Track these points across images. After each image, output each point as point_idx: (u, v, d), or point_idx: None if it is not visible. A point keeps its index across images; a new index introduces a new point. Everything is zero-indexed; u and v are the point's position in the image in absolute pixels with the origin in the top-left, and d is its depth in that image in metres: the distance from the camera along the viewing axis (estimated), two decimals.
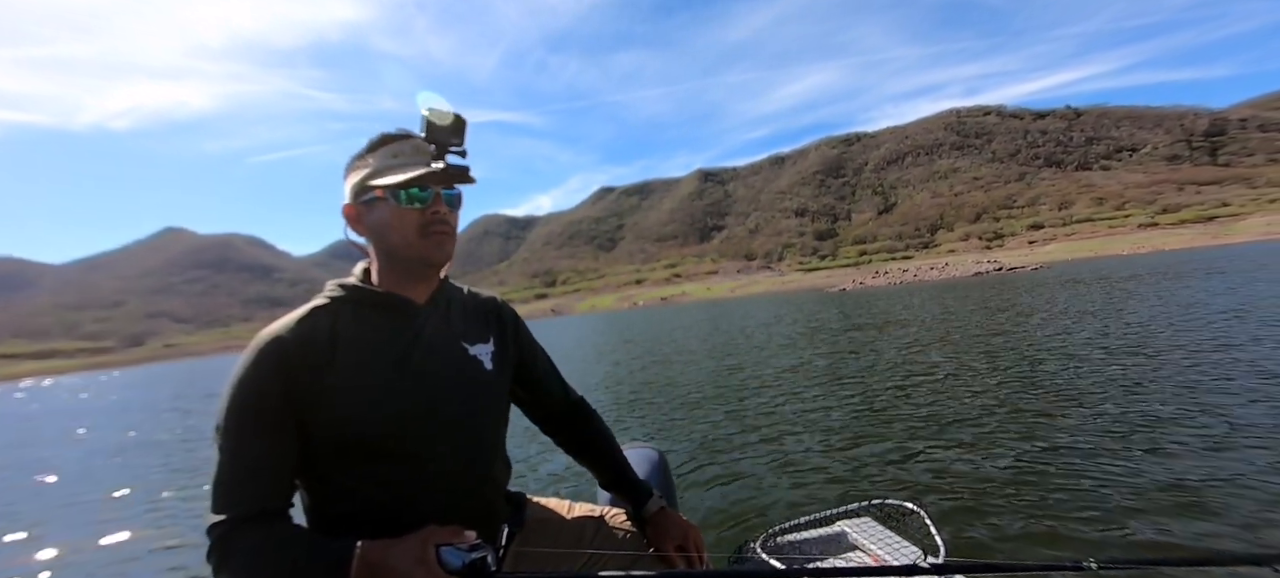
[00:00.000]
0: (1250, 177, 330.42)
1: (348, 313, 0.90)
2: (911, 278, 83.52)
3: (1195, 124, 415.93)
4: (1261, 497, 2.58)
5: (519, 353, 1.11)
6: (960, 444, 4.18)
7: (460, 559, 0.78)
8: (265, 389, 0.81)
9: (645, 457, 1.82)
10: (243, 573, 0.79)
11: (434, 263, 0.95)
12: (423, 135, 0.88)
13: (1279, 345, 6.41)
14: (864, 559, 1.74)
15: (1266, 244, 73.21)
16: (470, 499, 0.94)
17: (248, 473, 0.81)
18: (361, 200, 0.92)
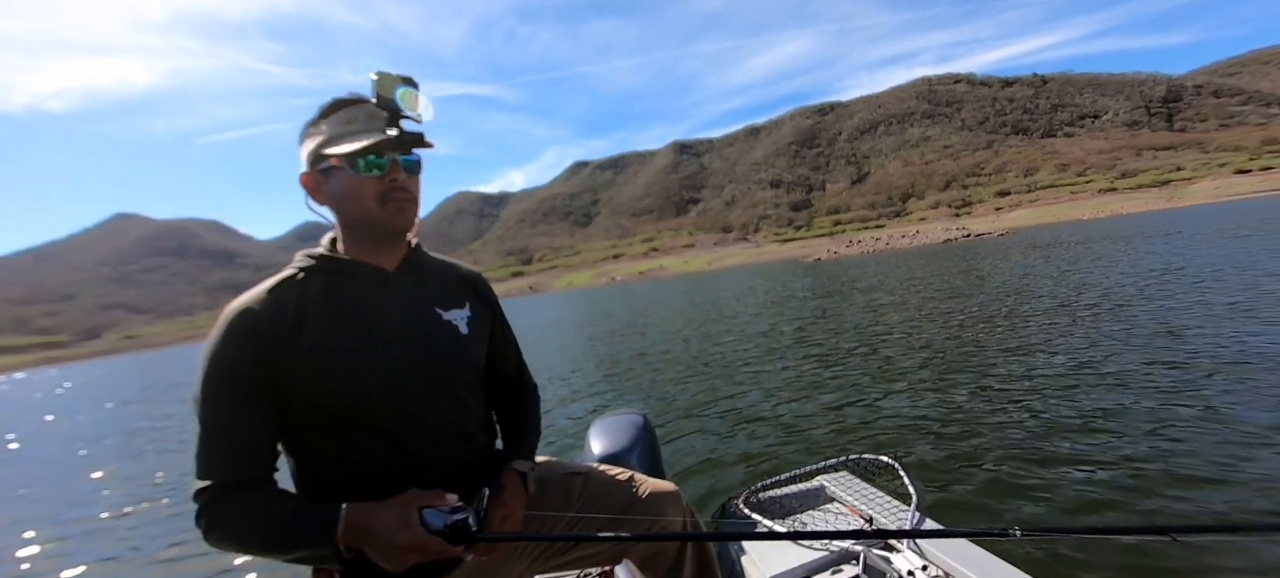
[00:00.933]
0: (1203, 141, 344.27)
1: (316, 283, 0.90)
2: (884, 246, 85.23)
3: (1153, 90, 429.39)
4: (1180, 468, 2.70)
5: (491, 322, 1.11)
6: (927, 402, 4.48)
7: (442, 521, 0.79)
8: (238, 360, 0.81)
9: (630, 422, 1.85)
10: (231, 536, 0.80)
11: (395, 230, 0.94)
12: (375, 101, 0.87)
13: (1203, 311, 6.68)
14: (841, 511, 1.80)
15: (1215, 206, 76.83)
16: (452, 462, 0.95)
17: (229, 441, 0.82)
18: (318, 169, 0.91)
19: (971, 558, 1.33)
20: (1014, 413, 3.89)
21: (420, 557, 0.79)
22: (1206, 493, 2.46)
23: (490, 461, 1.04)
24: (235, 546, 0.81)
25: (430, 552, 0.79)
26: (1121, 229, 35.28)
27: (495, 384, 1.11)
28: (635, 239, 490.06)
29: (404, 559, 0.79)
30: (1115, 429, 3.32)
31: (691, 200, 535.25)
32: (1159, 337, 5.47)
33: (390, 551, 0.79)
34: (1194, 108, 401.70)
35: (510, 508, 0.96)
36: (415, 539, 0.78)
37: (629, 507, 1.11)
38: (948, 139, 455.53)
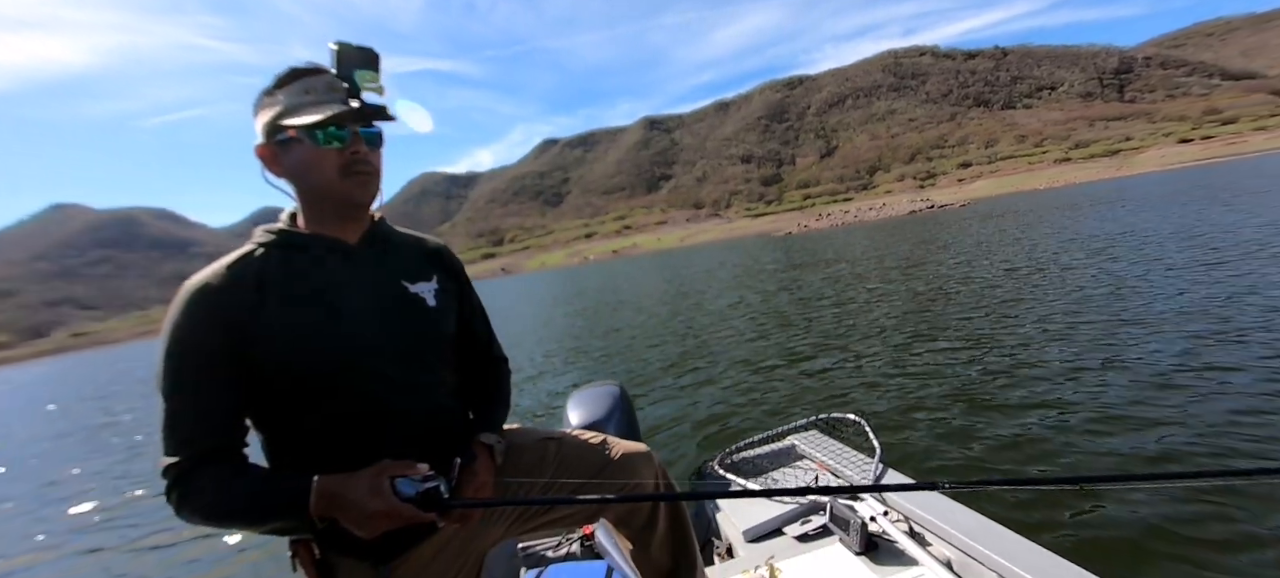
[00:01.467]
0: (1151, 112, 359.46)
1: (276, 257, 0.89)
2: (852, 219, 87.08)
3: (1106, 62, 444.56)
4: (1101, 416, 2.90)
5: (459, 294, 1.10)
6: (890, 363, 4.83)
7: (413, 489, 0.80)
8: (199, 334, 0.81)
9: (607, 392, 1.89)
10: (203, 510, 0.80)
11: (358, 203, 0.92)
12: (335, 71, 0.85)
13: (1134, 280, 7.19)
14: (811, 466, 1.90)
15: (1160, 174, 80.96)
16: (422, 433, 0.94)
17: (196, 416, 0.81)
18: (275, 141, 0.88)
19: (925, 500, 1.45)
20: (966, 370, 4.21)
21: (392, 523, 0.80)
22: (1126, 438, 2.62)
23: (462, 431, 1.03)
24: (207, 519, 0.81)
25: (402, 518, 0.79)
26: (1073, 198, 36.95)
27: (465, 356, 1.11)
28: (607, 217, 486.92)
29: (377, 526, 0.79)
30: (1049, 381, 3.63)
31: (663, 177, 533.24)
32: (1100, 299, 5.94)
33: (363, 518, 0.79)
34: (1143, 79, 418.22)
35: (481, 478, 0.97)
36: (387, 506, 0.78)
37: (602, 469, 1.13)
38: (913, 112, 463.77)
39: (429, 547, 0.93)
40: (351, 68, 0.85)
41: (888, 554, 1.38)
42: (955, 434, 3.11)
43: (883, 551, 1.39)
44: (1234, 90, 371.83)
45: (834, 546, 1.47)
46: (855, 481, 1.69)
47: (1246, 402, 2.80)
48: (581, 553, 1.71)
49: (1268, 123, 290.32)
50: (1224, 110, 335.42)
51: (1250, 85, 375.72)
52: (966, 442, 2.99)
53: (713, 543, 1.84)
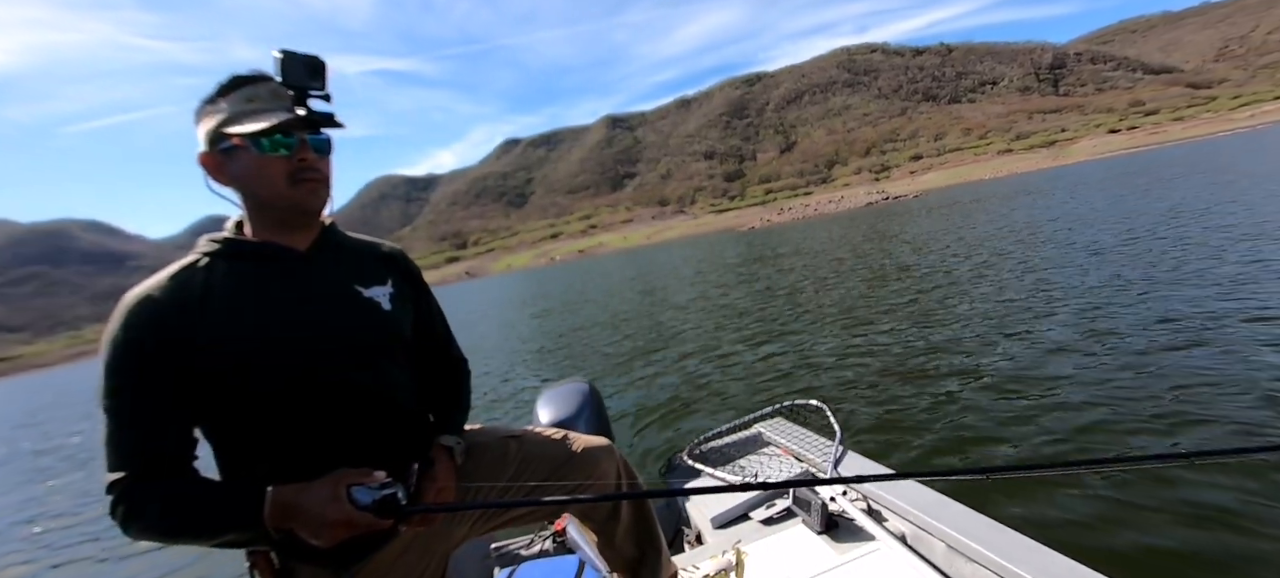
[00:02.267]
0: (1083, 104, 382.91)
1: (222, 267, 0.87)
2: (812, 212, 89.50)
3: (1042, 58, 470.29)
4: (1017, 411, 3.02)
5: (416, 297, 1.10)
6: (849, 349, 5.07)
7: (370, 496, 0.79)
8: (140, 348, 0.78)
9: (576, 390, 1.91)
10: (151, 526, 0.78)
11: (307, 211, 0.91)
12: (279, 78, 0.84)
13: (1066, 256, 7.86)
14: (776, 452, 1.97)
15: (1092, 162, 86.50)
16: (381, 436, 0.93)
17: (140, 430, 0.79)
18: (219, 149, 0.86)
19: (882, 473, 1.53)
20: (918, 354, 4.41)
21: (350, 532, 0.79)
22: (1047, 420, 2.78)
23: (422, 434, 1.03)
24: (156, 535, 0.79)
25: (359, 526, 0.79)
26: (1016, 187, 39.11)
27: (423, 358, 1.10)
28: (573, 217, 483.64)
29: (334, 536, 0.78)
30: (987, 361, 3.83)
31: (627, 175, 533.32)
32: (1031, 281, 6.46)
33: (319, 527, 0.77)
34: (1075, 74, 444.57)
35: (441, 482, 0.97)
36: (344, 516, 0.77)
37: (564, 464, 1.14)
38: (867, 107, 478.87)
39: (391, 551, 0.93)
40: (296, 76, 0.83)
41: (847, 532, 1.45)
42: (910, 414, 3.26)
43: (842, 529, 1.46)
44: (1155, 84, 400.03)
45: (797, 527, 1.53)
46: (819, 464, 1.75)
47: (1186, 380, 2.93)
48: (554, 549, 1.72)
49: (1185, 113, 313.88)
50: (1147, 102, 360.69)
51: (1169, 79, 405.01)
52: (920, 419, 3.14)
53: (683, 531, 1.89)
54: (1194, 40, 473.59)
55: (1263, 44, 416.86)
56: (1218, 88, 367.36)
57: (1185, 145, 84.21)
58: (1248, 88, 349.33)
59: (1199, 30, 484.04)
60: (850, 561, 1.34)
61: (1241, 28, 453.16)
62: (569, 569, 1.47)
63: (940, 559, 1.29)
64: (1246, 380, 2.77)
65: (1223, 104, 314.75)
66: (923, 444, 2.89)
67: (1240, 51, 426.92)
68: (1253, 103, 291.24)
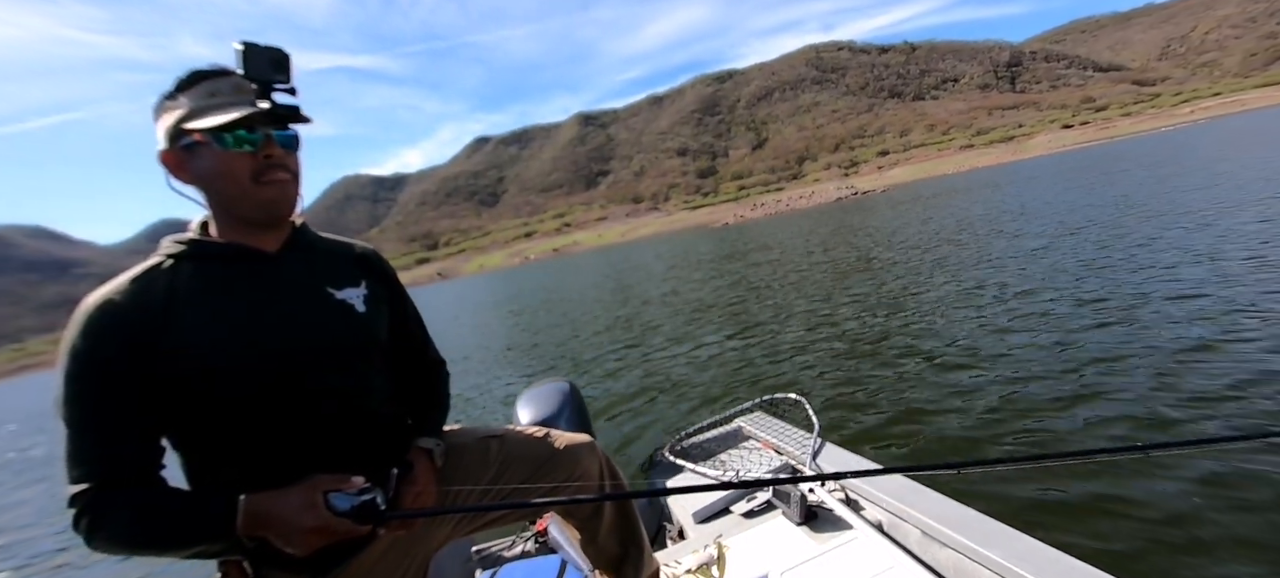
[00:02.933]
0: (1038, 101, 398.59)
1: (187, 269, 0.83)
2: (785, 208, 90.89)
3: (999, 56, 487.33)
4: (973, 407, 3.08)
5: (391, 298, 1.07)
6: (826, 342, 5.14)
7: (348, 503, 0.77)
8: (101, 354, 0.75)
9: (557, 389, 1.93)
10: (118, 538, 0.75)
11: (275, 210, 0.87)
12: (241, 72, 0.80)
13: (1015, 248, 8.24)
14: (756, 446, 2.00)
15: (1048, 157, 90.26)
16: (357, 440, 0.91)
17: (103, 440, 0.76)
18: (180, 146, 0.82)
19: (857, 468, 1.58)
20: (892, 348, 4.52)
21: (326, 539, 0.77)
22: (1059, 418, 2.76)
23: (400, 437, 1.01)
24: (122, 547, 0.76)
25: (336, 533, 0.77)
26: (979, 180, 40.51)
27: (400, 361, 1.08)
28: (546, 215, 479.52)
29: (310, 542, 0.76)
30: (969, 362, 3.84)
31: (601, 173, 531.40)
32: (996, 270, 6.73)
33: (294, 535, 0.75)
34: (1031, 71, 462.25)
35: (420, 485, 0.95)
36: (321, 522, 0.75)
37: (546, 463, 1.12)
38: (835, 104, 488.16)
39: (369, 556, 0.91)
40: (259, 69, 0.80)
41: (826, 522, 1.48)
42: (883, 403, 3.38)
43: (821, 519, 1.49)
44: (1104, 81, 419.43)
45: (777, 519, 1.56)
46: (798, 456, 1.79)
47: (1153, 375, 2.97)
48: (536, 550, 1.73)
49: (1132, 109, 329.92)
50: (1097, 99, 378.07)
51: (1117, 77, 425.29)
52: (892, 409, 3.25)
53: (665, 527, 1.90)
54: (1140, 39, 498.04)
55: (1201, 43, 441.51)
56: (1161, 85, 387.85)
57: (1133, 140, 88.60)
58: (1188, 85, 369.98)
59: (1144, 30, 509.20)
60: (829, 550, 1.37)
61: (1182, 27, 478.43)
62: (551, 570, 1.47)
63: (915, 546, 1.33)
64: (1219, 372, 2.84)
65: (1165, 100, 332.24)
66: (896, 434, 2.95)
67: (1181, 51, 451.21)
68: (1192, 99, 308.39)
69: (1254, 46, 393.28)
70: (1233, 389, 2.63)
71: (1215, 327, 3.45)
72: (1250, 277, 4.34)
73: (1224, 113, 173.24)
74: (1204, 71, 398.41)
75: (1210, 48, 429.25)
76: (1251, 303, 3.71)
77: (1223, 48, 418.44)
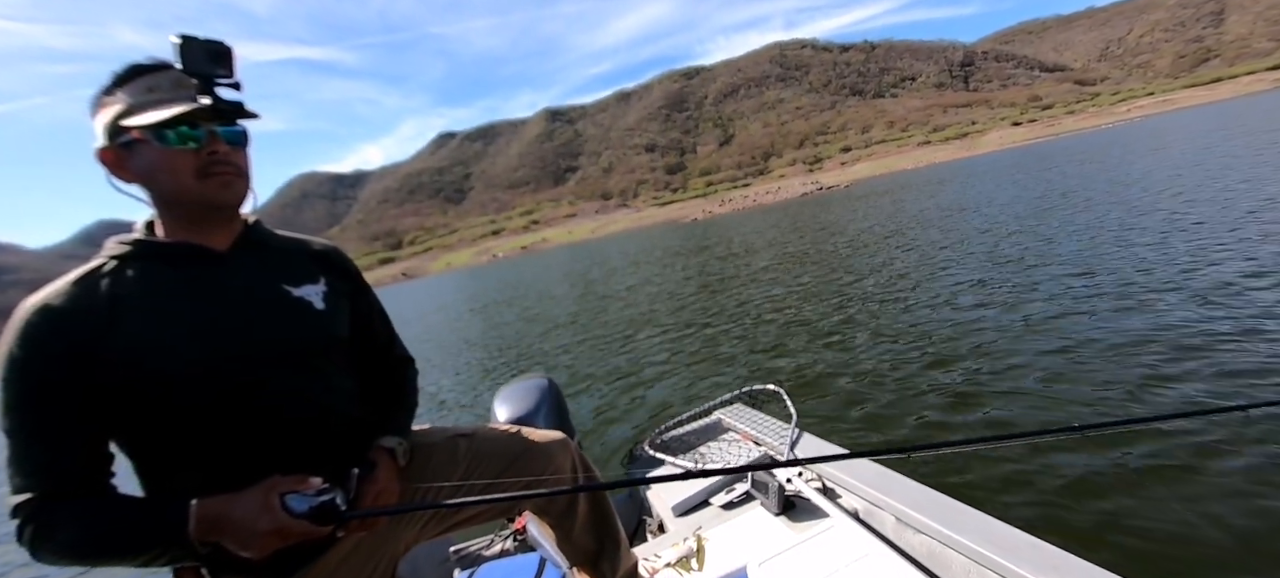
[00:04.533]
0: (990, 99, 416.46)
1: (132, 271, 0.80)
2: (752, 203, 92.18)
3: (953, 56, 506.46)
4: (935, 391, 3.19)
5: (353, 294, 1.04)
6: (800, 336, 5.20)
7: (306, 504, 0.76)
8: (40, 361, 0.73)
9: (535, 386, 1.90)
10: (65, 548, 0.72)
11: (222, 206, 0.84)
12: (181, 66, 0.77)
13: (986, 241, 8.62)
14: (736, 438, 2.02)
15: (999, 153, 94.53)
16: (316, 441, 0.88)
17: (47, 447, 0.73)
18: (119, 143, 0.79)
19: (826, 454, 1.54)
20: (863, 338, 4.63)
21: (283, 542, 0.75)
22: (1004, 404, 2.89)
23: (363, 437, 0.98)
24: (71, 558, 0.73)
25: (294, 535, 0.75)
26: (937, 175, 42.01)
27: (365, 359, 1.06)
28: (514, 212, 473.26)
29: (267, 545, 0.74)
30: (929, 348, 4.01)
31: (569, 169, 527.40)
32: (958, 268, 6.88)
33: (250, 538, 0.73)
34: (983, 71, 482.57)
35: (382, 484, 0.92)
36: (277, 524, 0.73)
37: (516, 460, 1.11)
38: (799, 101, 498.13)
39: (331, 559, 0.88)
40: (197, 62, 0.77)
41: (803, 511, 1.50)
42: (859, 394, 3.46)
43: (799, 509, 1.51)
44: (1050, 81, 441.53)
45: (755, 509, 1.58)
46: (777, 447, 1.81)
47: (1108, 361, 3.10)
48: (515, 548, 1.72)
49: (1075, 107, 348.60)
50: (1043, 98, 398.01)
51: (1061, 77, 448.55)
52: (867, 402, 3.32)
53: (645, 521, 1.91)
54: (1081, 41, 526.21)
55: (1136, 45, 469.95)
56: (1101, 85, 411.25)
57: (1076, 136, 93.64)
58: (1125, 85, 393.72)
59: (1085, 32, 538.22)
60: (807, 539, 1.39)
61: (1119, 30, 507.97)
62: (530, 567, 1.48)
63: (891, 532, 1.36)
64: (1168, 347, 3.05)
65: (1105, 100, 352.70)
66: (870, 421, 3.07)
67: (1119, 52, 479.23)
68: (1128, 98, 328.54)
69: (1182, 49, 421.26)
70: (1174, 371, 2.76)
71: (1155, 316, 3.57)
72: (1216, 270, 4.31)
73: (1157, 111, 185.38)
74: (1139, 72, 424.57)
75: (1144, 50, 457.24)
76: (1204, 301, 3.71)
77: (1155, 50, 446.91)
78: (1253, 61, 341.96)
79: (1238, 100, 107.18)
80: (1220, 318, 3.32)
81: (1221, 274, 4.16)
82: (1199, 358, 2.86)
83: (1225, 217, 6.17)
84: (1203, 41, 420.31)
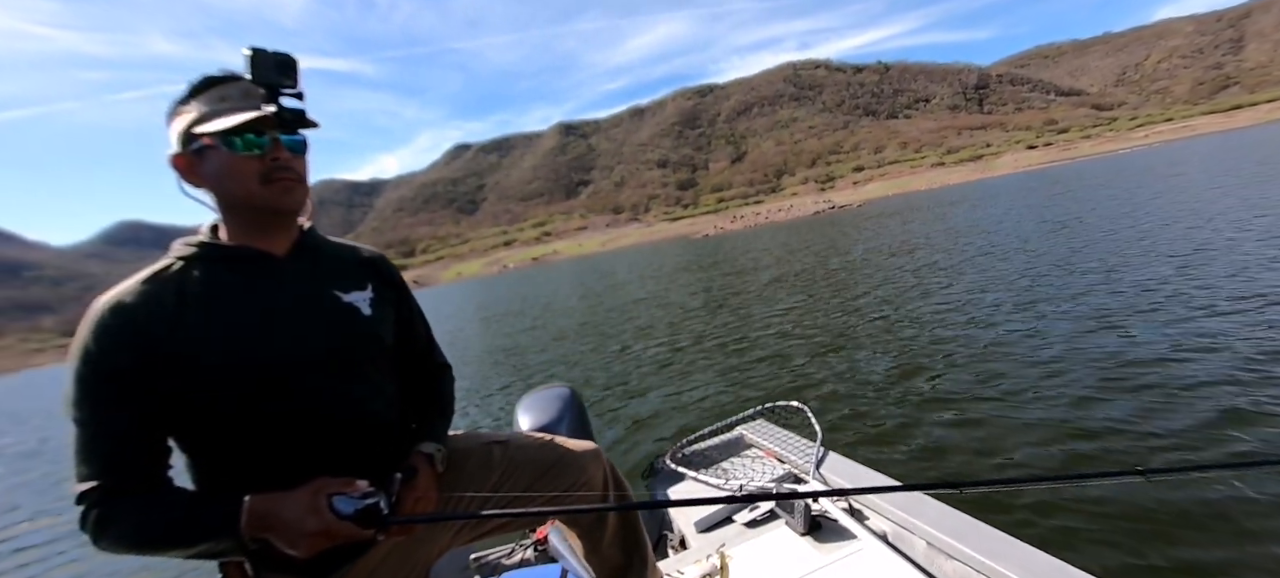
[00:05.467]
0: (1005, 122, 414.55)
1: (197, 272, 0.85)
2: (764, 220, 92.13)
3: (968, 79, 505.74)
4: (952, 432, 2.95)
5: (397, 301, 1.08)
6: (826, 353, 5.10)
7: (352, 506, 0.78)
8: (112, 355, 0.77)
9: (557, 395, 1.90)
10: (124, 538, 0.76)
11: (283, 211, 0.89)
12: (250, 77, 0.82)
13: (997, 263, 8.61)
14: (759, 455, 1.97)
15: (1014, 175, 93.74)
16: (361, 444, 0.91)
17: (113, 440, 0.77)
18: (190, 150, 0.84)
19: (866, 480, 1.57)
20: (884, 356, 4.53)
21: (329, 542, 0.77)
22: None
23: (403, 441, 1.01)
24: (129, 547, 0.77)
25: (340, 536, 0.77)
26: (950, 197, 41.69)
27: (406, 365, 1.09)
28: (526, 224, 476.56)
29: (313, 545, 0.76)
30: (953, 372, 3.90)
31: (581, 182, 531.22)
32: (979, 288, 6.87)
33: (298, 538, 0.76)
34: (997, 94, 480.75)
35: (421, 490, 0.94)
36: (325, 525, 0.76)
37: (550, 469, 1.12)
38: (812, 120, 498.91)
39: (369, 561, 0.91)
40: (266, 73, 0.82)
41: (830, 533, 1.46)
42: (883, 415, 3.34)
43: (825, 529, 1.47)
44: (1066, 105, 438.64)
45: (780, 528, 1.54)
46: (801, 465, 1.75)
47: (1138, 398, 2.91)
48: (536, 558, 1.71)
49: (1091, 132, 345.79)
50: (1059, 121, 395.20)
51: (1077, 101, 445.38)
52: (895, 419, 3.22)
53: (666, 536, 1.87)
54: (1097, 66, 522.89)
55: (1154, 71, 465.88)
56: (1118, 110, 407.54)
57: (1093, 161, 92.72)
58: (1142, 110, 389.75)
59: (1101, 57, 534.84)
60: (833, 561, 1.35)
61: (1136, 56, 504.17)
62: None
63: (921, 557, 1.32)
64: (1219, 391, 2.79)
65: (1122, 124, 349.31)
66: (898, 442, 2.92)
67: (1135, 78, 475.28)
68: (1146, 123, 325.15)
69: (1201, 76, 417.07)
70: (1233, 415, 2.55)
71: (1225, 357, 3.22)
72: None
73: (1176, 138, 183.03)
74: (1156, 98, 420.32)
75: (1161, 76, 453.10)
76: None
77: (1173, 76, 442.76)
78: (1274, 89, 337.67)
79: (1258, 128, 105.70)
80: None
81: None
82: None
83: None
84: (1222, 68, 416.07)
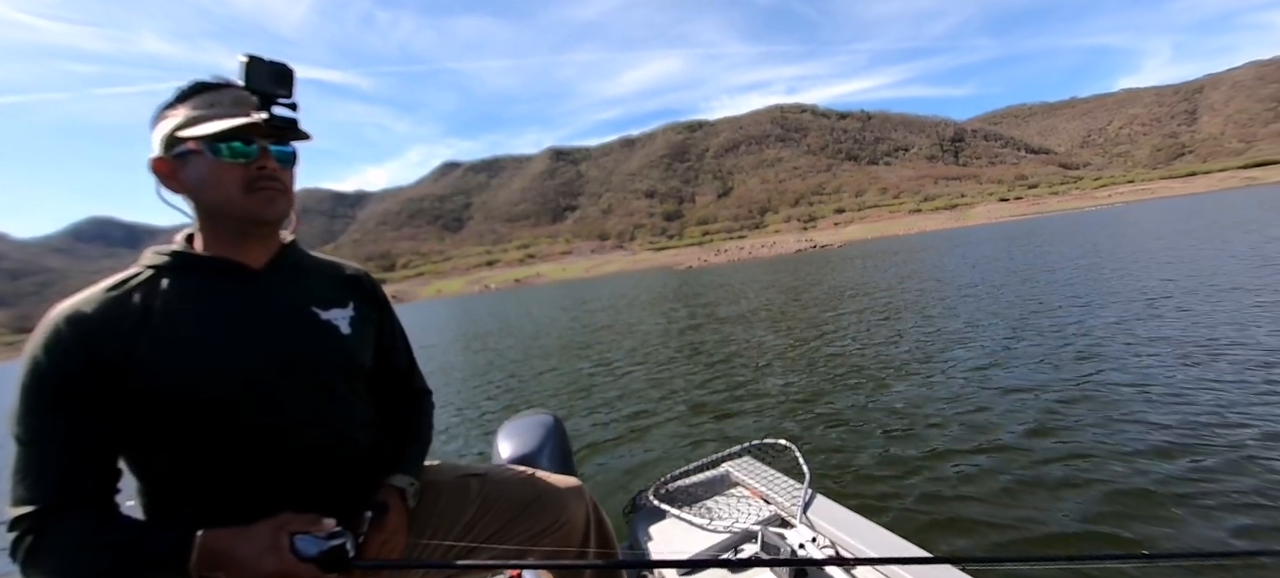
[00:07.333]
0: (979, 175, 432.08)
1: (166, 282, 0.79)
2: (747, 255, 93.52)
3: (945, 132, 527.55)
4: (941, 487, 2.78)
5: (379, 321, 1.03)
6: (807, 389, 5.06)
7: (316, 547, 0.71)
8: (64, 367, 0.71)
9: (539, 422, 1.85)
10: (59, 568, 0.68)
11: (264, 220, 0.84)
12: (243, 84, 0.77)
13: (971, 306, 9.01)
14: (744, 494, 1.94)
15: (986, 226, 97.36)
16: (331, 470, 0.86)
17: (56, 460, 0.70)
18: (173, 154, 0.79)
19: (855, 526, 1.51)
20: (874, 396, 4.45)
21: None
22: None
23: (377, 468, 0.96)
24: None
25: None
26: (925, 243, 43.10)
27: (384, 388, 1.04)
28: (511, 245, 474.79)
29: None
30: (929, 411, 3.89)
31: (569, 207, 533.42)
32: (954, 328, 7.05)
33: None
34: (972, 148, 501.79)
35: (390, 531, 0.88)
36: (283, 567, 0.69)
37: (529, 506, 1.05)
38: (796, 161, 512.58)
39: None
40: (261, 81, 0.78)
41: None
42: (869, 459, 3.22)
43: (812, 575, 1.42)
44: (1035, 161, 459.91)
45: (765, 575, 1.49)
46: (788, 507, 1.73)
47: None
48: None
49: (1059, 189, 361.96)
50: (1029, 177, 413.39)
51: (1046, 159, 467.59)
52: (881, 462, 3.13)
53: (645, 576, 1.79)
54: (1065, 128, 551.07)
55: (1116, 136, 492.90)
56: (1083, 169, 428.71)
57: (1059, 216, 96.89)
58: (1106, 171, 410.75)
59: (1069, 120, 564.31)
60: None
61: (1100, 121, 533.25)
62: None
63: None
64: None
65: (1087, 183, 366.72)
66: (885, 485, 2.87)
67: (1100, 141, 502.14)
68: (1109, 184, 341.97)
69: (1159, 143, 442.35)
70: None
71: None
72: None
73: (1137, 199, 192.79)
74: (1119, 160, 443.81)
75: (1124, 140, 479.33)
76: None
77: (1133, 141, 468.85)
78: (1225, 160, 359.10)
79: (1212, 194, 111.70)
80: None
81: None
82: None
83: None
84: (1178, 137, 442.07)
